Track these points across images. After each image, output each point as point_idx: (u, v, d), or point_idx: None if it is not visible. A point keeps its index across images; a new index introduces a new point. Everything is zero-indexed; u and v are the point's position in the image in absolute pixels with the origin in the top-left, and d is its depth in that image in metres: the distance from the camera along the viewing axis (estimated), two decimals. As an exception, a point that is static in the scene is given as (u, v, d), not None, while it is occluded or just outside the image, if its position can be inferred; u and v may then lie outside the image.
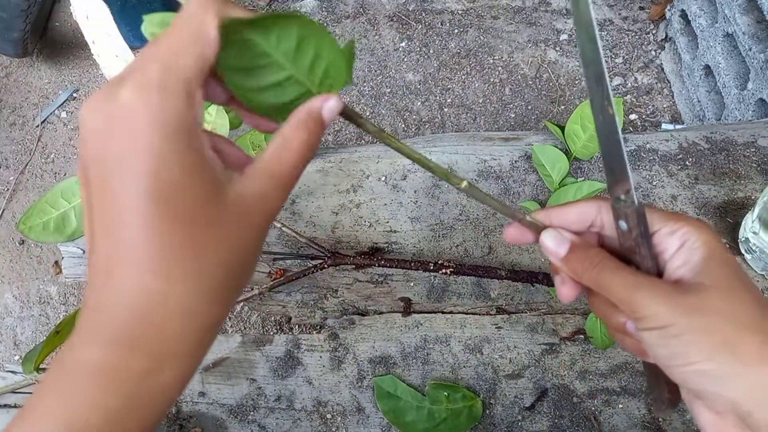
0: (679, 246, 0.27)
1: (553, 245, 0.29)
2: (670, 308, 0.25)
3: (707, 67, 1.22)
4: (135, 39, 1.55)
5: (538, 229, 0.30)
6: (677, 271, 0.27)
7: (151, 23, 0.30)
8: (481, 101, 1.43)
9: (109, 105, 0.20)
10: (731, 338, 0.24)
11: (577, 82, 1.42)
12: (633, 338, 0.28)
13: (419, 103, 1.44)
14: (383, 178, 0.63)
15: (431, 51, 1.50)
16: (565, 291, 0.30)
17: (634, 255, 0.28)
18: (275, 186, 0.23)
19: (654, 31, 1.46)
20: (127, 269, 0.20)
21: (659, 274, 0.28)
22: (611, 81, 1.41)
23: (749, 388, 0.23)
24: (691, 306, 0.25)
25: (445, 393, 0.51)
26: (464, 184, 0.29)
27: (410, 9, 1.59)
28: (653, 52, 1.43)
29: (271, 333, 1.15)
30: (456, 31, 1.54)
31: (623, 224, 0.28)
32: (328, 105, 0.26)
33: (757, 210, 0.52)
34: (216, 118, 0.59)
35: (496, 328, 0.55)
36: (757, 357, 0.23)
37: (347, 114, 0.28)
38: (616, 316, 0.29)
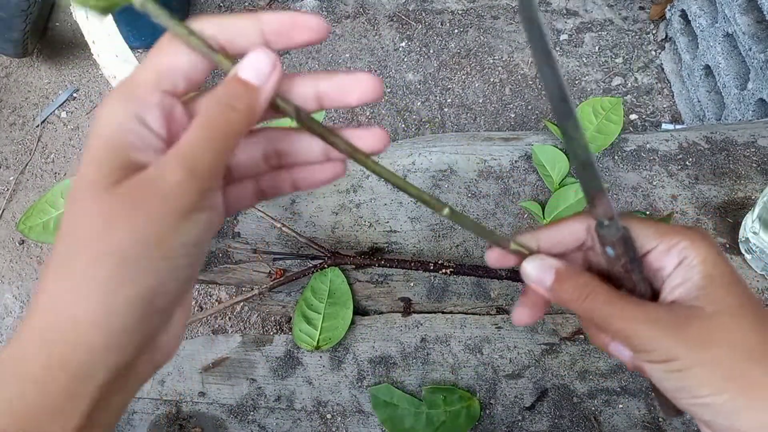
0: (678, 263, 0.26)
1: (537, 274, 0.27)
2: (673, 342, 0.24)
3: (707, 67, 1.22)
4: (135, 39, 1.55)
5: (523, 255, 0.28)
6: (676, 290, 0.25)
7: None
8: (481, 101, 1.43)
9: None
10: (739, 370, 0.23)
11: (577, 82, 1.42)
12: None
13: (419, 103, 1.44)
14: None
15: (431, 51, 1.50)
16: (518, 316, 0.29)
17: (625, 278, 0.27)
18: (186, 176, 0.20)
19: (654, 31, 1.46)
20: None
21: (655, 294, 0.27)
22: (611, 81, 1.41)
23: (760, 422, 0.22)
24: (695, 338, 0.23)
25: (442, 396, 0.51)
26: (446, 211, 0.27)
27: (410, 9, 1.59)
28: (653, 52, 1.43)
29: (271, 333, 1.15)
30: (456, 31, 1.54)
31: (610, 251, 0.26)
32: (249, 64, 0.22)
33: (757, 210, 0.52)
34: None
35: (496, 328, 0.55)
36: (766, 388, 0.23)
37: (306, 124, 0.24)
38: (601, 338, 0.28)
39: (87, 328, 0.19)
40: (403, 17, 1.58)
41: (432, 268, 0.56)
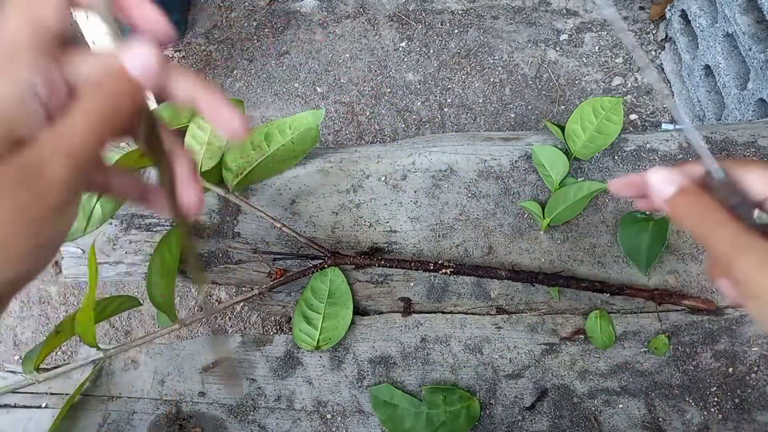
0: None
1: (660, 182, 0.28)
2: None
3: (707, 67, 1.22)
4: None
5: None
6: None
7: None
8: (481, 101, 1.43)
9: None
10: None
11: (577, 82, 1.42)
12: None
13: (419, 103, 1.44)
14: (383, 178, 0.63)
15: (431, 51, 1.50)
16: (618, 185, 0.30)
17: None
18: (71, 171, 0.20)
19: (654, 31, 1.46)
20: None
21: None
22: (611, 80, 1.41)
23: None
24: None
25: (442, 396, 0.51)
26: None
27: (410, 9, 1.59)
28: (653, 52, 1.43)
29: (271, 333, 1.15)
30: (456, 31, 1.54)
31: (721, 194, 0.28)
32: (135, 54, 0.22)
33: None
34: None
35: (496, 328, 0.55)
36: None
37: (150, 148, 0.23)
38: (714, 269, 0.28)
39: None
40: (403, 17, 1.58)
41: (432, 268, 0.56)
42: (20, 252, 0.20)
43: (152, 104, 1.25)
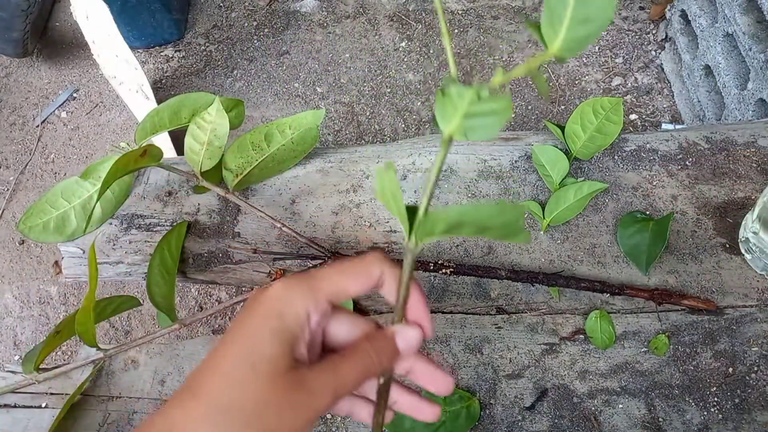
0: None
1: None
2: None
3: (707, 67, 1.22)
4: (135, 39, 1.55)
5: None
6: None
7: None
8: (481, 101, 1.43)
9: (258, 295, 0.28)
10: None
11: (577, 82, 1.42)
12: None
13: (419, 103, 1.44)
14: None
15: (431, 51, 1.50)
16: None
17: None
18: (332, 401, 0.26)
19: (654, 31, 1.46)
20: (192, 393, 0.25)
21: None
22: (611, 81, 1.41)
23: None
24: None
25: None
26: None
27: (410, 9, 1.59)
28: (653, 52, 1.43)
29: (271, 333, 1.15)
30: (456, 31, 1.54)
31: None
32: (404, 335, 0.30)
33: (757, 210, 0.52)
34: (216, 118, 0.59)
35: (496, 328, 0.55)
36: None
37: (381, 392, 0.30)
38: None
39: None
40: (403, 17, 1.58)
41: (432, 268, 0.56)
42: None
43: (152, 104, 1.25)
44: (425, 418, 0.31)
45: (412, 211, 0.28)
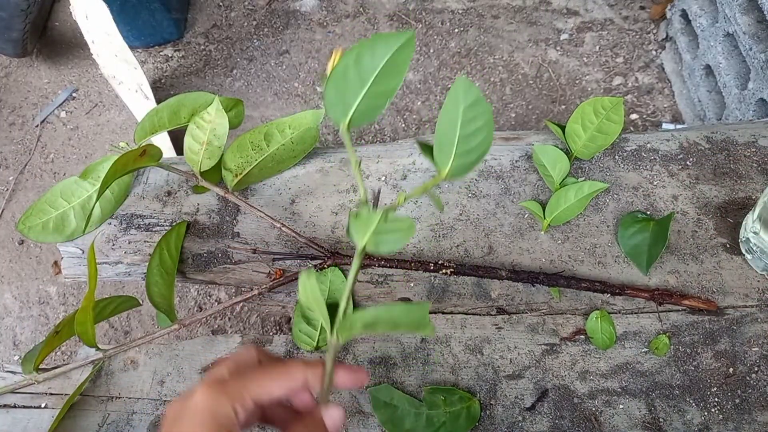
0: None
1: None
2: None
3: (708, 66, 1.22)
4: (134, 38, 1.55)
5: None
6: None
7: None
8: (481, 101, 1.43)
9: (184, 402, 0.31)
10: None
11: (577, 81, 1.42)
12: None
13: (419, 103, 1.44)
14: (383, 178, 0.63)
15: (431, 50, 1.50)
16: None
17: None
18: None
19: (655, 31, 1.45)
20: None
21: None
22: (612, 80, 1.41)
23: None
24: None
25: (442, 396, 0.51)
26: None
27: (410, 8, 1.59)
28: (654, 52, 1.43)
29: (271, 333, 1.15)
30: (456, 30, 1.53)
31: None
32: (331, 415, 0.33)
33: (757, 210, 0.52)
34: (215, 118, 0.59)
35: (496, 328, 0.55)
36: None
37: None
38: None
39: None
40: (403, 17, 1.58)
41: (432, 268, 0.56)
42: None
43: (151, 104, 1.25)
44: (357, 384, 0.35)
45: (334, 309, 0.32)
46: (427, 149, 0.31)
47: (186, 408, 0.30)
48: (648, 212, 0.59)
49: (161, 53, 1.59)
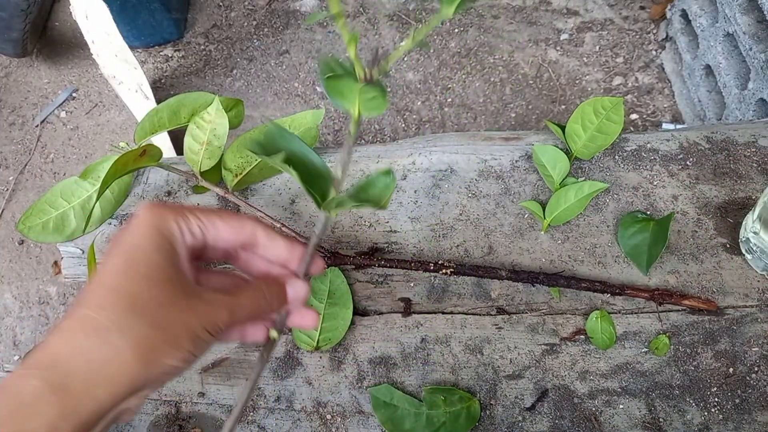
0: None
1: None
2: None
3: (708, 66, 1.22)
4: (134, 38, 1.55)
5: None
6: None
7: None
8: (481, 101, 1.43)
9: (128, 221, 0.30)
10: None
11: (577, 81, 1.42)
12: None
13: (419, 103, 1.44)
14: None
15: (431, 50, 1.50)
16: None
17: None
18: (228, 320, 0.29)
19: (654, 31, 1.45)
20: (79, 304, 0.26)
21: None
22: (612, 80, 1.41)
23: None
24: None
25: (442, 396, 0.51)
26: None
27: (410, 8, 1.59)
28: (654, 52, 1.43)
29: (271, 333, 1.15)
30: (456, 30, 1.54)
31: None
32: (294, 286, 0.33)
33: (757, 210, 0.52)
34: (215, 118, 0.59)
35: (496, 328, 0.55)
36: None
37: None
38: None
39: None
40: (403, 16, 1.58)
41: (432, 268, 0.56)
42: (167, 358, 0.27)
43: (151, 104, 1.25)
44: (307, 324, 0.35)
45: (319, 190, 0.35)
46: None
47: (129, 225, 0.29)
48: (648, 212, 0.59)
49: (161, 53, 1.59)
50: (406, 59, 1.50)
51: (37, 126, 1.51)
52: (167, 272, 0.27)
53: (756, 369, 0.51)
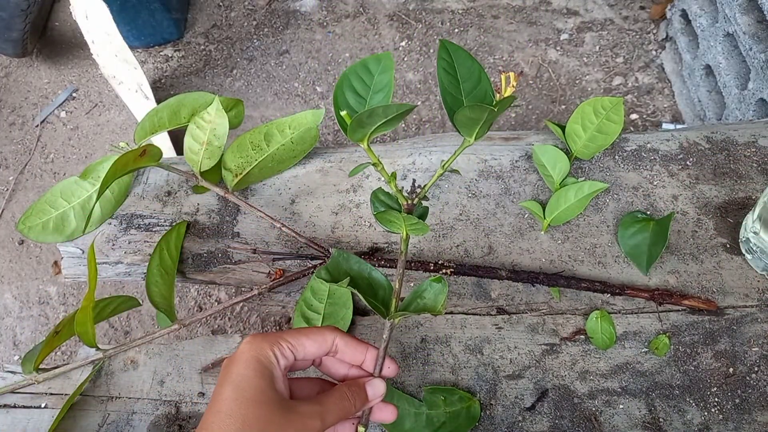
0: None
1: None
2: None
3: (708, 66, 1.22)
4: (134, 38, 1.55)
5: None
6: None
7: None
8: (481, 101, 1.43)
9: (233, 355, 0.37)
10: None
11: (577, 81, 1.42)
12: None
13: (419, 103, 1.44)
14: (383, 178, 0.63)
15: (431, 50, 1.50)
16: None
17: None
18: (320, 426, 0.35)
19: (655, 31, 1.46)
20: (203, 428, 0.33)
21: None
22: (612, 80, 1.41)
23: None
24: None
25: (442, 396, 0.51)
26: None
27: (410, 8, 1.59)
28: (654, 52, 1.43)
29: (271, 333, 1.15)
30: (456, 30, 1.54)
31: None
32: (373, 386, 0.39)
33: (757, 210, 0.52)
34: (215, 118, 0.59)
35: (496, 328, 0.55)
36: None
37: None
38: None
39: None
40: (403, 16, 1.58)
41: (432, 268, 0.56)
42: None
43: (151, 104, 1.25)
44: (387, 418, 0.41)
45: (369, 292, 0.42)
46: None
47: (234, 358, 0.36)
48: (648, 212, 0.59)
49: (161, 53, 1.59)
50: (406, 59, 1.50)
51: (37, 126, 1.51)
52: (268, 394, 0.34)
53: (756, 369, 0.51)
